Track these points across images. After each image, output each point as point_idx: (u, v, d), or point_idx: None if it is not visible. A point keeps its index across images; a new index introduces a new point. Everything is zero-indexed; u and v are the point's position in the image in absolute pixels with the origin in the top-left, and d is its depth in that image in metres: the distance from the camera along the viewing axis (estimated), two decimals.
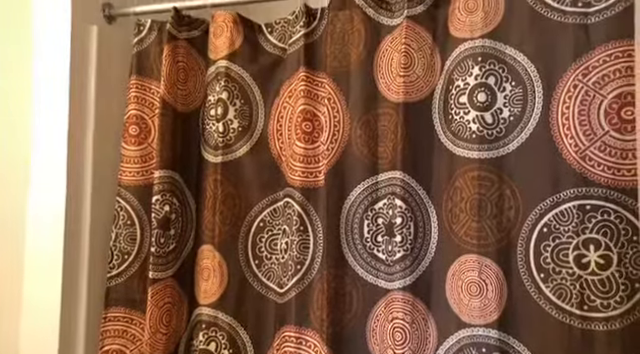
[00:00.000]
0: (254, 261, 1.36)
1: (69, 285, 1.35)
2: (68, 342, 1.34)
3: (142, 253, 1.40)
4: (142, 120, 1.41)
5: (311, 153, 1.30)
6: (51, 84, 1.37)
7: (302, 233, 1.28)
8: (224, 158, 1.37)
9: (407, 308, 1.19)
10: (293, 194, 1.30)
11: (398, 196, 1.21)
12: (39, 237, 1.38)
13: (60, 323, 1.33)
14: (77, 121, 1.37)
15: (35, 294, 1.37)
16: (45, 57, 1.38)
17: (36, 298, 1.37)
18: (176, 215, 1.38)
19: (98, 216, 1.40)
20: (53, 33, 1.36)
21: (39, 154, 1.39)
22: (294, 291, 1.28)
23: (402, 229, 1.21)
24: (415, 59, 1.22)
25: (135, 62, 1.41)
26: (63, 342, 1.33)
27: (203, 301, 1.36)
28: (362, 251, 1.26)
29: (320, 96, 1.30)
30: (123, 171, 1.40)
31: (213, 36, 1.39)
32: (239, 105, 1.38)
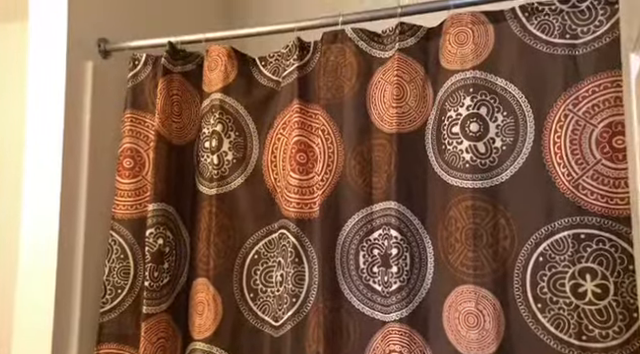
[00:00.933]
0: (249, 294, 1.35)
1: (61, 321, 1.33)
2: None
3: (136, 287, 1.38)
4: (137, 153, 1.41)
5: (305, 184, 1.30)
6: (45, 118, 1.38)
7: (297, 265, 1.27)
8: (219, 190, 1.37)
9: (404, 340, 1.17)
10: (288, 225, 1.30)
11: (393, 226, 1.21)
12: (31, 271, 1.36)
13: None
14: (71, 155, 1.37)
15: (26, 328, 1.35)
16: (40, 92, 1.39)
17: (27, 332, 1.35)
18: (170, 248, 1.37)
19: (91, 250, 1.38)
20: (49, 69, 1.37)
21: (32, 187, 1.38)
22: (289, 324, 1.26)
23: (398, 260, 1.20)
24: (407, 90, 1.23)
25: (130, 96, 1.42)
26: None
27: (197, 336, 1.33)
28: (358, 282, 1.25)
29: (314, 127, 1.31)
30: (117, 204, 1.40)
31: (208, 69, 1.41)
32: (234, 137, 1.38)
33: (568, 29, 1.12)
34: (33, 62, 1.39)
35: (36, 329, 1.33)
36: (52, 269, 1.33)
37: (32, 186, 1.38)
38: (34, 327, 1.33)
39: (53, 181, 1.35)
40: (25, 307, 1.36)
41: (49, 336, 1.31)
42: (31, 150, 1.39)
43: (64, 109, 1.36)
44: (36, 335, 1.33)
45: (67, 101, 1.36)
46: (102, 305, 1.37)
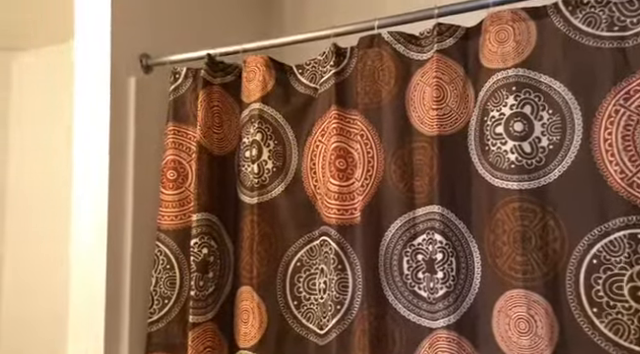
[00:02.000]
0: (293, 302, 1.34)
1: (111, 331, 1.36)
2: None
3: (182, 297, 1.40)
4: (180, 165, 1.44)
5: (346, 190, 1.29)
6: (92, 133, 1.43)
7: (340, 272, 1.26)
8: (260, 199, 1.38)
9: (453, 347, 1.14)
10: (329, 232, 1.29)
11: (437, 231, 1.18)
12: (82, 283, 1.40)
13: None
14: (117, 168, 1.41)
15: (79, 338, 1.39)
16: (86, 108, 1.44)
17: (80, 342, 1.38)
18: (214, 257, 1.38)
19: (139, 261, 1.42)
20: (94, 85, 1.42)
21: (81, 200, 1.43)
22: (335, 332, 1.25)
23: (443, 265, 1.17)
24: (447, 92, 1.21)
25: (172, 109, 1.45)
26: None
27: (243, 344, 1.34)
28: (403, 289, 1.23)
29: (353, 133, 1.30)
30: (162, 215, 1.43)
31: (246, 80, 1.42)
32: (273, 146, 1.39)
33: (616, 21, 1.07)
34: (79, 80, 1.45)
35: (88, 339, 1.37)
36: (102, 281, 1.37)
37: (81, 199, 1.43)
38: (86, 337, 1.37)
39: (101, 193, 1.39)
40: (77, 317, 1.40)
41: (101, 346, 1.35)
42: (79, 164, 1.44)
43: (109, 124, 1.40)
44: (88, 345, 1.36)
45: (112, 116, 1.40)
46: (150, 315, 1.39)
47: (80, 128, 1.44)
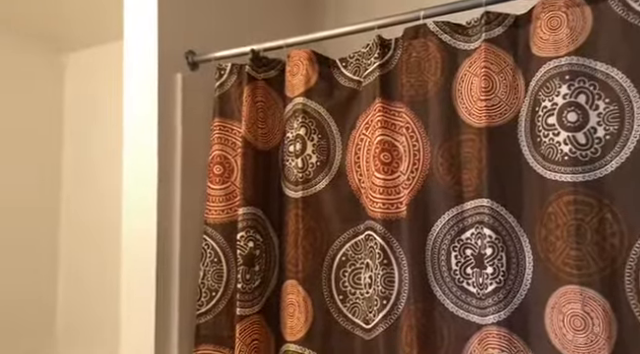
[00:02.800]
0: (338, 296, 1.34)
1: (162, 323, 1.39)
2: None
3: (229, 290, 1.42)
4: (225, 159, 1.46)
5: (391, 184, 1.28)
6: (141, 130, 1.46)
7: (386, 266, 1.25)
8: (304, 193, 1.38)
9: (503, 344, 1.11)
10: (374, 226, 1.28)
11: (487, 225, 1.15)
12: (133, 276, 1.44)
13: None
14: (165, 163, 1.44)
15: (131, 332, 1.43)
16: (135, 106, 1.47)
17: (132, 336, 1.43)
18: (260, 251, 1.39)
19: (187, 254, 1.44)
20: (142, 83, 1.45)
21: (131, 196, 1.46)
22: (381, 327, 1.24)
23: (493, 260, 1.14)
24: (496, 82, 1.18)
25: (217, 105, 1.47)
26: None
27: (290, 337, 1.35)
28: (451, 284, 1.21)
29: (398, 126, 1.29)
30: (209, 209, 1.45)
31: (289, 74, 1.43)
32: (317, 140, 1.39)
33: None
34: (128, 78, 1.48)
35: (140, 331, 1.40)
36: (152, 275, 1.40)
37: (130, 195, 1.47)
38: (138, 328, 1.41)
39: (150, 188, 1.42)
40: (129, 310, 1.44)
41: (152, 338, 1.38)
42: (128, 160, 1.48)
43: (157, 120, 1.43)
44: (140, 336, 1.40)
45: (160, 113, 1.43)
46: (198, 308, 1.42)
47: (129, 125, 1.48)
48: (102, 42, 2.13)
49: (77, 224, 2.24)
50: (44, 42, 2.23)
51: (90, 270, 2.18)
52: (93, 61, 2.21)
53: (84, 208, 2.21)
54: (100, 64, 2.16)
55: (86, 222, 2.22)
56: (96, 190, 2.16)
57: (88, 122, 2.22)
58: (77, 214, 2.24)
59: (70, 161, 2.25)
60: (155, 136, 1.43)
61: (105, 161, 2.10)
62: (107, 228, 2.01)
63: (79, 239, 2.23)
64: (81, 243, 2.23)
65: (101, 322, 2.09)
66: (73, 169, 2.24)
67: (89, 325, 2.15)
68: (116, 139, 1.62)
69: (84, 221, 2.22)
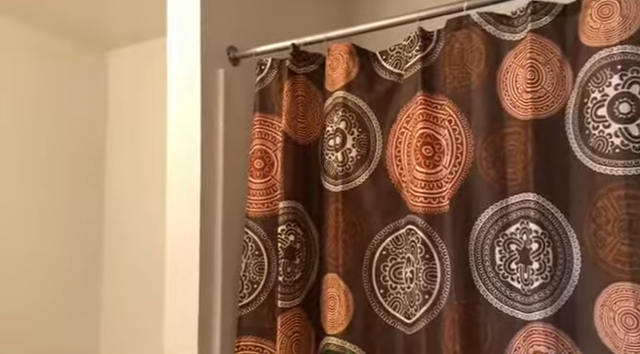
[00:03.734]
0: (379, 290, 1.34)
1: (205, 315, 1.42)
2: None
3: (270, 282, 1.44)
4: (266, 154, 1.47)
5: (433, 178, 1.26)
6: (184, 126, 1.49)
7: (428, 261, 1.24)
8: (344, 187, 1.38)
9: (550, 341, 1.09)
10: (416, 221, 1.27)
11: (532, 220, 1.13)
12: (177, 270, 1.47)
13: (198, 353, 1.39)
14: (208, 158, 1.46)
15: (174, 323, 1.46)
16: (178, 102, 1.50)
17: (175, 327, 1.46)
18: (300, 244, 1.40)
19: (229, 247, 1.46)
20: (185, 79, 1.48)
21: (175, 190, 1.50)
22: (423, 322, 1.23)
23: (539, 255, 1.12)
24: (543, 73, 1.15)
25: (258, 99, 1.48)
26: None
27: (330, 331, 1.36)
28: (495, 279, 1.19)
29: (440, 119, 1.27)
30: (250, 203, 1.47)
31: (330, 68, 1.43)
32: (357, 134, 1.39)
33: None
34: (171, 74, 1.51)
35: (183, 322, 1.43)
36: (195, 267, 1.43)
37: (174, 190, 1.50)
38: (181, 320, 1.44)
39: (193, 184, 1.45)
40: (173, 302, 1.47)
41: (195, 329, 1.41)
42: (172, 155, 1.51)
43: (200, 115, 1.45)
44: (183, 328, 1.43)
45: (203, 108, 1.45)
46: (240, 299, 1.44)
47: (173, 121, 1.51)
48: (145, 39, 2.17)
49: (121, 219, 2.30)
50: (87, 41, 2.30)
51: (135, 263, 2.24)
52: (136, 58, 2.26)
53: (128, 203, 2.27)
54: (143, 61, 2.21)
55: (130, 216, 2.27)
56: (140, 185, 2.21)
57: (132, 119, 2.27)
58: (121, 210, 2.30)
59: (114, 158, 2.32)
60: (198, 131, 1.45)
61: (149, 156, 2.15)
62: (152, 222, 2.06)
63: (124, 231, 2.29)
64: (126, 238, 2.29)
65: (145, 313, 2.14)
66: (117, 165, 2.31)
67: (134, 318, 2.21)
68: (160, 135, 1.65)
69: (128, 216, 2.28)
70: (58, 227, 2.21)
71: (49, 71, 2.22)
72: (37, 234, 2.15)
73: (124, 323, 2.24)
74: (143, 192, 2.18)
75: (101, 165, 2.33)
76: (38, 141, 2.18)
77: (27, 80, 2.16)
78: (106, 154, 2.33)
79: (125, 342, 2.23)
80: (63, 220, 2.23)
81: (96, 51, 2.34)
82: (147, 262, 2.13)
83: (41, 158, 2.18)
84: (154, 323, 1.67)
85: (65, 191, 2.24)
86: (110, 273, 2.29)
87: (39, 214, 2.16)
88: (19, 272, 2.09)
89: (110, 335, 2.28)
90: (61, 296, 2.19)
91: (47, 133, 2.20)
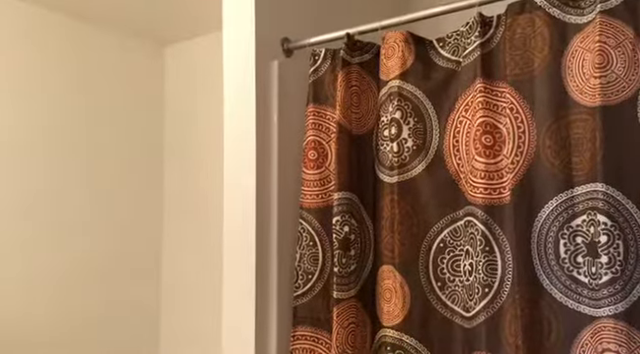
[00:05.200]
0: (436, 283, 1.32)
1: (261, 305, 1.44)
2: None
3: (325, 273, 1.44)
4: (320, 145, 1.47)
5: (493, 168, 1.22)
6: (239, 118, 1.50)
7: (488, 254, 1.21)
8: (400, 178, 1.36)
9: (622, 339, 1.04)
10: (475, 212, 1.24)
11: (601, 211, 1.08)
12: (233, 259, 1.50)
13: (255, 342, 1.42)
14: (263, 149, 1.47)
15: (232, 314, 1.49)
16: (233, 94, 1.52)
17: (233, 317, 1.49)
18: (355, 236, 1.40)
19: (284, 238, 1.47)
20: (240, 71, 1.49)
21: (231, 181, 1.52)
22: (483, 316, 1.20)
23: (608, 249, 1.07)
24: (613, 57, 1.09)
25: (312, 90, 1.48)
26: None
27: (386, 323, 1.34)
28: (559, 273, 1.14)
29: (500, 107, 1.23)
30: (304, 194, 1.47)
31: (384, 57, 1.40)
32: (413, 123, 1.36)
33: None
34: (227, 66, 1.53)
35: (241, 313, 1.46)
36: (252, 257, 1.45)
37: (231, 181, 1.52)
38: (239, 310, 1.47)
39: (249, 175, 1.47)
40: (230, 291, 1.50)
41: (252, 319, 1.43)
42: (229, 147, 1.53)
43: (255, 107, 1.46)
44: (241, 318, 1.46)
45: (257, 100, 1.46)
46: (295, 290, 1.45)
47: (229, 113, 1.53)
48: (201, 34, 2.21)
49: (179, 210, 2.36)
50: (144, 36, 2.36)
51: (192, 253, 2.29)
52: (192, 52, 2.30)
53: (186, 195, 2.32)
54: (199, 55, 2.25)
55: (188, 206, 2.33)
56: (197, 175, 2.26)
57: (188, 112, 2.32)
58: (179, 201, 2.36)
59: (171, 151, 2.38)
60: (253, 123, 1.46)
61: (205, 150, 2.19)
62: (209, 212, 2.10)
63: (180, 223, 2.35)
64: (183, 226, 2.34)
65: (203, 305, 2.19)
66: (174, 158, 2.36)
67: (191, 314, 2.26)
68: (216, 128, 1.68)
69: (186, 205, 2.33)
70: (120, 213, 2.29)
71: (108, 66, 2.29)
72: (101, 221, 2.24)
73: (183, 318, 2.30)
74: (200, 184, 2.23)
75: (159, 158, 2.39)
76: (98, 135, 2.26)
77: (86, 74, 2.24)
78: (164, 148, 2.39)
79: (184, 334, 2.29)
80: (125, 207, 2.30)
81: (152, 46, 2.40)
82: (205, 251, 2.17)
83: (100, 152, 2.26)
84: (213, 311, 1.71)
85: (126, 182, 2.32)
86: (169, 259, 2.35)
87: (104, 203, 2.24)
88: (79, 241, 2.18)
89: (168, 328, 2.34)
90: (122, 275, 2.27)
91: (107, 125, 2.28)
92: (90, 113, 2.24)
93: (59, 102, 2.17)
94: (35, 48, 2.11)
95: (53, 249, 2.11)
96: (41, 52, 2.13)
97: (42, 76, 2.12)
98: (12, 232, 2.02)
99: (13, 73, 2.06)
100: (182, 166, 2.34)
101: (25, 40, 2.09)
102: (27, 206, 2.07)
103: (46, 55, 2.14)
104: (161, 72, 2.37)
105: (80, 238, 2.18)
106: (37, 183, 2.10)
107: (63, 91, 2.18)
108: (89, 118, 2.24)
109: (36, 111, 2.11)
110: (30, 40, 2.10)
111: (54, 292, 2.11)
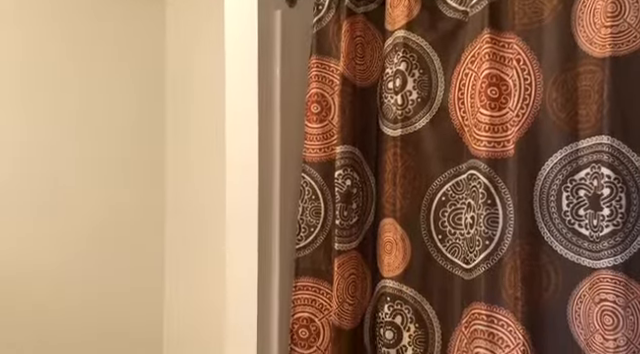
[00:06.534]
0: (437, 236, 1.33)
1: (264, 257, 1.46)
2: (265, 309, 1.46)
3: (326, 226, 1.45)
4: (323, 98, 1.45)
5: (498, 121, 1.21)
6: (241, 70, 1.48)
7: (490, 207, 1.21)
8: (403, 131, 1.35)
9: (619, 289, 1.05)
10: (478, 166, 1.23)
11: (605, 164, 1.07)
12: (236, 211, 1.51)
13: (258, 292, 1.45)
14: (265, 102, 1.46)
15: (235, 264, 1.51)
16: (235, 44, 1.49)
17: (236, 268, 1.51)
18: (357, 189, 1.40)
19: (287, 191, 1.48)
20: (242, 20, 1.46)
21: (233, 133, 1.51)
22: (483, 267, 1.21)
23: (611, 201, 1.07)
24: (626, 5, 1.06)
25: (315, 42, 1.45)
26: (261, 309, 1.45)
27: (387, 274, 1.36)
28: (561, 226, 1.15)
29: (507, 58, 1.21)
30: (307, 148, 1.46)
31: (390, 7, 1.37)
32: (418, 75, 1.34)
33: None
34: (229, 16, 1.50)
35: (244, 263, 1.48)
36: (254, 210, 1.46)
37: (233, 133, 1.52)
38: (242, 262, 1.49)
39: (251, 127, 1.46)
40: (233, 243, 1.52)
41: (255, 270, 1.45)
42: (230, 99, 1.51)
43: (257, 59, 1.44)
44: (244, 269, 1.48)
45: (260, 51, 1.44)
46: (297, 242, 1.47)
47: (230, 63, 1.50)
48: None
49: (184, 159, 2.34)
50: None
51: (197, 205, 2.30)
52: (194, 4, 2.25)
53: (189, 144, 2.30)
54: (201, 4, 2.20)
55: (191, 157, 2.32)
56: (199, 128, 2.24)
57: (189, 64, 2.29)
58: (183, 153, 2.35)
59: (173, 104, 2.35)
60: (255, 75, 1.45)
61: (207, 102, 2.17)
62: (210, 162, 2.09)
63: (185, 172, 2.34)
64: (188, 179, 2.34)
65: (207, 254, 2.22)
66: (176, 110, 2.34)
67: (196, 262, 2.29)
68: (217, 80, 1.66)
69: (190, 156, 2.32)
70: (121, 174, 2.29)
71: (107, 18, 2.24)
72: (100, 181, 2.24)
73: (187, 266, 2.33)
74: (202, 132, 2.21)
75: (161, 112, 2.37)
76: (97, 88, 2.23)
77: (85, 26, 2.19)
78: (165, 100, 2.36)
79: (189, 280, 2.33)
80: (126, 166, 2.30)
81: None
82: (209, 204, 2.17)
83: (99, 106, 2.24)
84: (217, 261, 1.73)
85: (126, 139, 2.31)
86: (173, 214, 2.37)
87: (104, 160, 2.24)
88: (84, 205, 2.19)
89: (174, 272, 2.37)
90: (126, 229, 2.29)
91: (107, 79, 2.25)
92: (87, 63, 2.21)
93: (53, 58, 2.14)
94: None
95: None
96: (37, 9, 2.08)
97: (38, 37, 2.08)
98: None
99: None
100: (184, 119, 2.32)
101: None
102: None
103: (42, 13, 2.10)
104: (162, 22, 2.33)
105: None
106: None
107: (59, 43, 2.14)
108: (86, 68, 2.20)
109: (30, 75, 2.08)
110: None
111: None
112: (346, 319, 1.37)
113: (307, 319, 1.43)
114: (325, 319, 1.43)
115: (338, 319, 1.36)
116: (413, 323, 1.32)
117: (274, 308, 1.47)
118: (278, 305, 1.47)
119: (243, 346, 1.48)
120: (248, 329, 1.45)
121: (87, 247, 2.19)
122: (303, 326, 1.43)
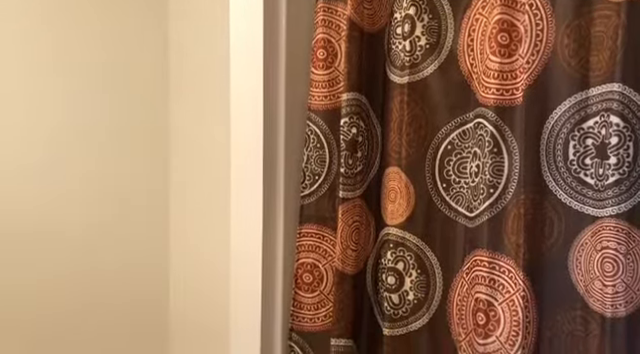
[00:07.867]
0: (441, 184, 1.33)
1: (268, 204, 1.47)
2: (270, 255, 1.48)
3: (331, 174, 1.45)
4: (329, 44, 1.42)
5: (507, 68, 1.19)
6: (245, 15, 1.44)
7: (495, 155, 1.21)
8: (411, 78, 1.33)
9: (621, 237, 1.06)
10: (486, 114, 1.22)
11: (614, 112, 1.06)
12: (241, 163, 1.51)
13: (262, 238, 1.46)
14: (270, 48, 1.43)
15: (240, 210, 1.53)
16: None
17: (241, 214, 1.52)
18: (363, 138, 1.39)
19: (292, 139, 1.47)
20: None
21: (238, 80, 1.49)
22: (486, 215, 1.22)
23: (618, 150, 1.06)
24: None
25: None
26: (266, 255, 1.47)
27: (390, 221, 1.37)
28: (566, 175, 1.15)
29: (519, 3, 1.17)
30: (312, 95, 1.45)
31: None
32: (427, 20, 1.31)
33: None
34: None
35: (248, 210, 1.49)
36: (259, 158, 1.45)
37: (238, 82, 1.49)
38: (247, 208, 1.50)
39: (256, 75, 1.44)
40: (238, 191, 1.52)
41: (259, 216, 1.46)
42: (235, 46, 1.48)
43: (262, 3, 1.40)
44: (248, 215, 1.49)
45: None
46: (302, 190, 1.47)
47: (235, 9, 1.47)
48: None
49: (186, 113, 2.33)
50: None
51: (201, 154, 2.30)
52: None
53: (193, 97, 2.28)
54: None
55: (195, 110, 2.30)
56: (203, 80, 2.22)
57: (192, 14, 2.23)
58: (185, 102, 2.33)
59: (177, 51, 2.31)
60: (260, 20, 1.41)
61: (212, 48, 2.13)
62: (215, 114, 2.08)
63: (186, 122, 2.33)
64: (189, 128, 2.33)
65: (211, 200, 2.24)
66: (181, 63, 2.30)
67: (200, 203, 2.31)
68: (221, 27, 1.62)
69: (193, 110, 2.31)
70: (125, 143, 2.26)
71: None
72: (103, 151, 2.21)
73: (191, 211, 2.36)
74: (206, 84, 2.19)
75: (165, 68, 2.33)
76: (101, 66, 2.17)
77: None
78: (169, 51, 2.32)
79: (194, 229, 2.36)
80: (130, 135, 2.27)
81: None
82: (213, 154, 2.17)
83: (105, 83, 2.18)
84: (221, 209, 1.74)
85: (130, 110, 2.27)
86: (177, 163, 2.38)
87: (108, 131, 2.20)
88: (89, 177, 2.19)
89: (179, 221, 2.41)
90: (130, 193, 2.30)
91: (110, 54, 2.18)
92: (89, 42, 2.14)
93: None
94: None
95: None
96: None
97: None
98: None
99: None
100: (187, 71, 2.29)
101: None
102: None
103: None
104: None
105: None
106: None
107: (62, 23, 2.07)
108: (88, 47, 2.14)
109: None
110: None
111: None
112: (349, 265, 1.39)
113: (311, 264, 1.46)
114: (328, 265, 1.45)
115: (341, 264, 1.38)
116: (415, 269, 1.34)
117: (279, 254, 1.49)
118: (282, 251, 1.49)
119: (248, 292, 1.51)
120: (253, 275, 1.48)
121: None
122: (307, 271, 1.46)
